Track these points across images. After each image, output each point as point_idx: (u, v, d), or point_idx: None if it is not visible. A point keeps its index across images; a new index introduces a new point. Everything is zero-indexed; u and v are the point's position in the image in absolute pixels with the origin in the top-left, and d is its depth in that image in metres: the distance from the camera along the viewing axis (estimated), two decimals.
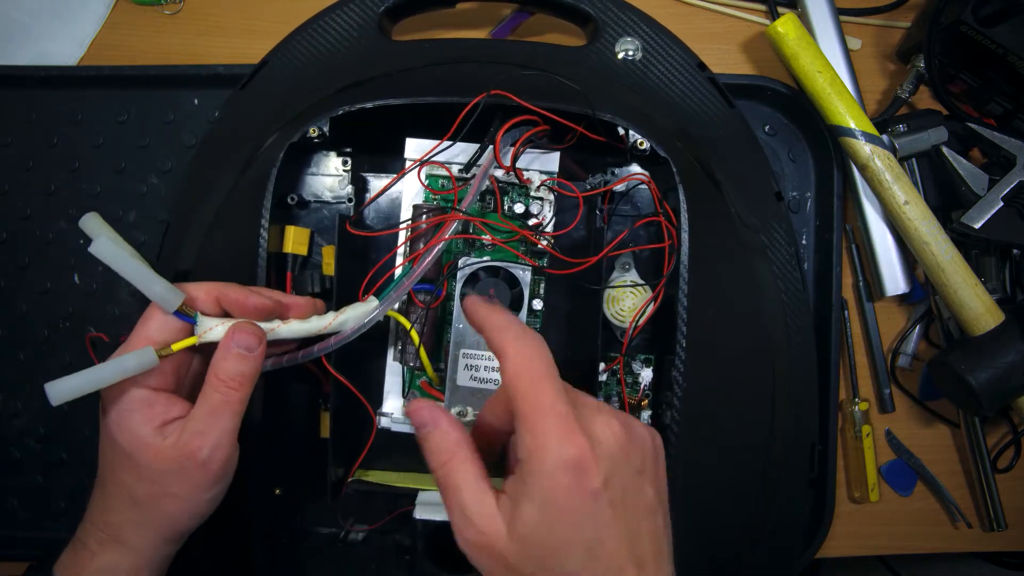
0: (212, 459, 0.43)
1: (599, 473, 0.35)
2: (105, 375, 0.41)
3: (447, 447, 0.38)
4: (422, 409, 0.39)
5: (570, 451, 0.35)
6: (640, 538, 0.36)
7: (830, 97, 0.58)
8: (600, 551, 0.35)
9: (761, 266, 0.56)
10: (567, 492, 0.35)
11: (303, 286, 0.54)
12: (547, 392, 0.36)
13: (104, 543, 0.44)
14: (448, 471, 0.38)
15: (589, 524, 0.35)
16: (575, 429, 0.35)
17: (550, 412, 0.35)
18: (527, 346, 0.37)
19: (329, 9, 0.58)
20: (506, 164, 0.50)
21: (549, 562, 0.35)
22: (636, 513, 0.36)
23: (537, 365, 0.37)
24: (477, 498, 0.37)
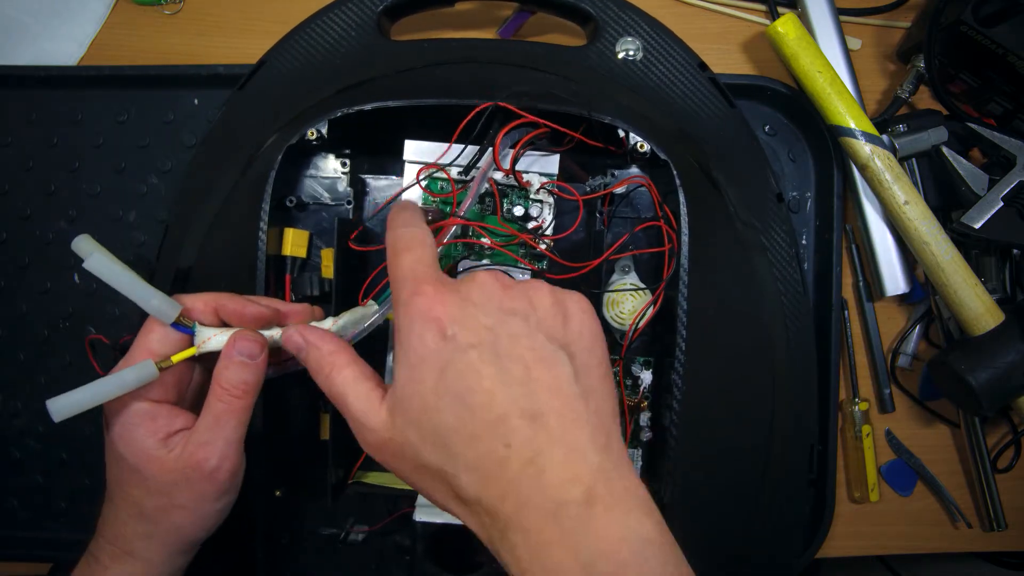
0: (219, 469, 0.43)
1: (450, 316, 0.34)
2: (106, 390, 0.41)
3: (324, 360, 0.38)
4: (292, 336, 0.40)
5: (417, 300, 0.34)
6: (530, 388, 0.33)
7: (830, 97, 0.58)
8: (472, 399, 0.33)
9: (761, 267, 0.56)
10: (420, 339, 0.34)
11: (302, 289, 0.54)
12: (404, 261, 0.36)
13: (116, 557, 0.44)
14: (331, 382, 0.37)
15: (451, 370, 0.33)
16: (425, 280, 0.35)
17: (405, 274, 0.36)
18: (399, 232, 0.38)
19: (327, 8, 0.58)
20: (505, 167, 0.50)
21: (426, 421, 0.33)
22: (519, 359, 0.34)
23: (399, 243, 0.37)
24: (362, 398, 0.36)
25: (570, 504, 0.31)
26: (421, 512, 0.51)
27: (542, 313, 0.36)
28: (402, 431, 0.34)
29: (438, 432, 0.33)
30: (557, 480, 0.32)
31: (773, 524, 0.56)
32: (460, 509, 0.34)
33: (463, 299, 0.35)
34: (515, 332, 0.34)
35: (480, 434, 0.32)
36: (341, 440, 0.54)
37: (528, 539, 0.31)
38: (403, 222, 0.39)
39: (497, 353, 0.33)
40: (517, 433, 0.32)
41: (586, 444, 0.33)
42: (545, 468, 0.32)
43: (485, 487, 0.32)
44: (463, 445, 0.33)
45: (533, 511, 0.31)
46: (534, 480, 0.32)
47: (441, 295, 0.34)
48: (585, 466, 0.32)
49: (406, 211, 0.41)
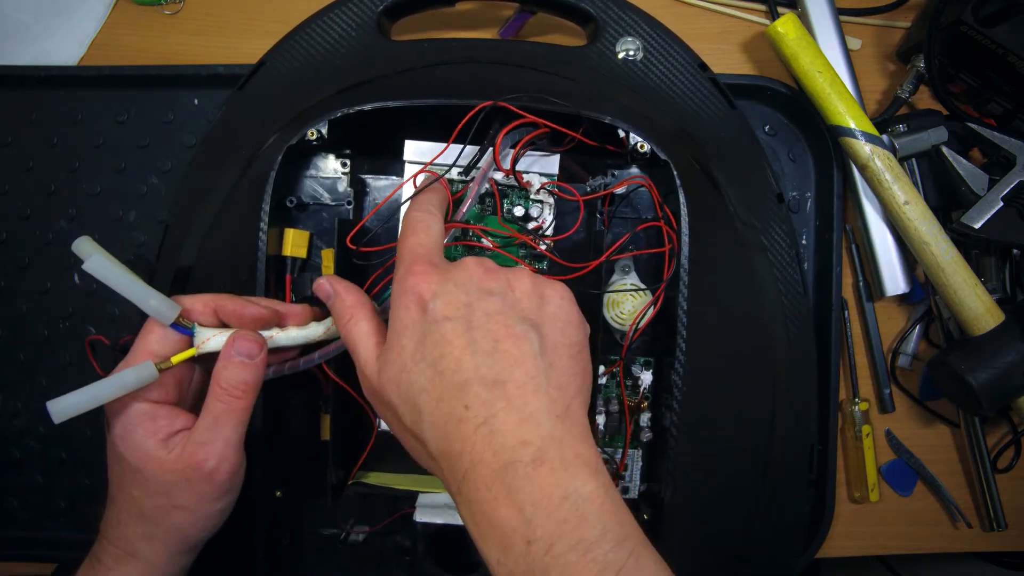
0: (218, 469, 0.43)
1: (434, 293, 0.38)
2: (106, 391, 0.42)
3: (344, 310, 0.43)
4: (323, 284, 0.44)
5: (409, 278, 0.38)
6: (495, 358, 0.36)
7: (830, 97, 0.58)
8: (442, 365, 0.36)
9: (761, 268, 0.56)
10: (407, 310, 0.38)
11: (303, 289, 0.54)
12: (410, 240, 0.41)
13: (118, 558, 0.44)
14: (347, 331, 0.42)
15: (429, 339, 0.37)
16: (419, 260, 0.39)
17: (407, 252, 0.40)
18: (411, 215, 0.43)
19: (327, 8, 0.58)
20: (506, 167, 0.50)
21: (403, 383, 0.37)
22: (490, 333, 0.37)
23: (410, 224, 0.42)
24: (368, 350, 0.41)
25: (518, 463, 0.33)
26: (421, 513, 0.51)
27: (519, 294, 0.39)
28: (385, 389, 0.38)
29: (411, 392, 0.37)
30: (509, 442, 0.34)
31: (773, 524, 0.56)
32: (430, 464, 0.38)
33: (446, 278, 0.39)
34: (490, 309, 0.38)
35: (444, 396, 0.36)
36: (341, 441, 0.54)
37: (479, 494, 0.34)
38: (419, 205, 0.44)
39: (470, 326, 0.37)
40: (477, 397, 0.35)
41: (542, 413, 0.35)
42: (497, 430, 0.34)
43: (447, 444, 0.35)
44: (430, 405, 0.36)
45: (484, 468, 0.34)
46: (487, 440, 0.34)
47: (428, 274, 0.39)
48: (537, 432, 0.34)
49: (428, 193, 0.46)
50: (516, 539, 0.33)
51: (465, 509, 0.35)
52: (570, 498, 0.33)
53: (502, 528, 0.33)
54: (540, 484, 0.33)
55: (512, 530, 0.33)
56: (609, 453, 0.55)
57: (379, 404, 0.40)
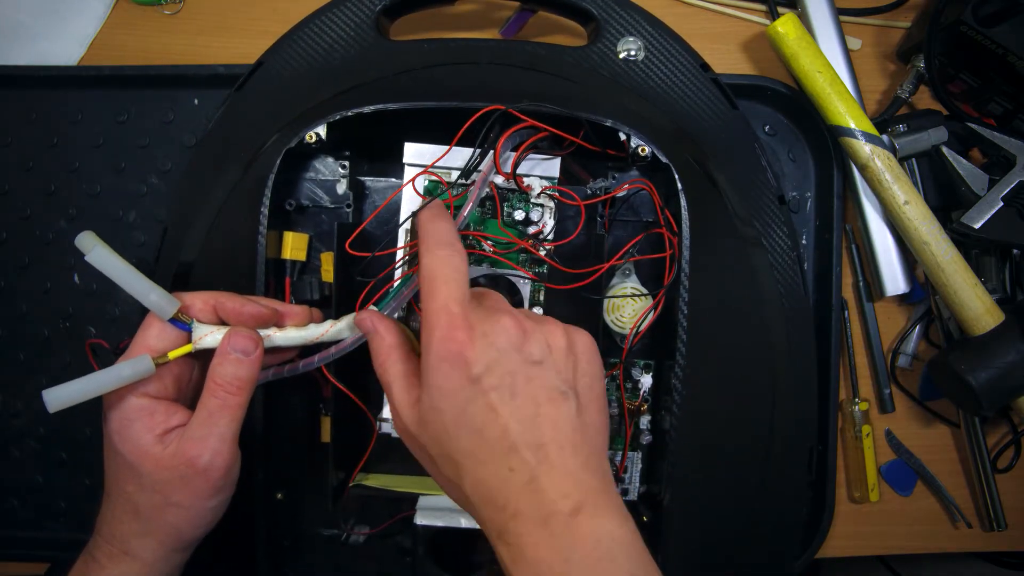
0: (212, 466, 0.43)
1: (477, 362, 0.38)
2: (102, 382, 0.42)
3: (383, 350, 0.43)
4: (364, 320, 0.44)
5: (448, 345, 0.38)
6: (537, 423, 0.38)
7: (830, 97, 0.58)
8: (487, 432, 0.38)
9: (762, 270, 0.56)
10: (447, 379, 0.38)
11: (302, 292, 0.54)
12: (440, 294, 0.39)
13: (113, 556, 0.44)
14: (383, 371, 0.43)
15: (471, 408, 0.38)
16: (458, 325, 0.38)
17: (440, 311, 0.39)
18: (435, 254, 0.41)
19: (325, 8, 0.58)
20: (506, 171, 0.50)
21: (445, 443, 0.39)
22: (532, 399, 0.39)
23: (441, 271, 0.40)
24: (403, 392, 0.41)
25: (559, 514, 0.37)
26: (422, 515, 0.52)
27: (556, 356, 0.41)
28: (425, 443, 0.40)
29: (453, 453, 0.39)
30: (550, 496, 0.37)
31: (772, 526, 0.56)
32: (468, 509, 0.40)
33: (487, 344, 0.39)
34: (531, 375, 0.39)
35: (488, 460, 0.38)
36: (342, 443, 0.54)
37: (521, 539, 0.37)
38: (440, 240, 0.42)
39: (514, 393, 0.38)
40: (521, 461, 0.38)
41: (579, 468, 0.38)
42: (541, 487, 0.37)
43: (489, 499, 0.38)
44: (473, 465, 0.38)
45: (527, 520, 0.37)
46: (531, 495, 0.37)
47: (472, 340, 0.38)
48: (575, 485, 0.38)
49: (441, 222, 0.43)
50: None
51: (506, 550, 0.37)
52: (602, 540, 0.37)
53: (539, 569, 0.36)
54: (578, 531, 0.37)
55: (549, 569, 0.36)
56: (609, 456, 0.55)
57: (416, 447, 0.42)
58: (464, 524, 0.51)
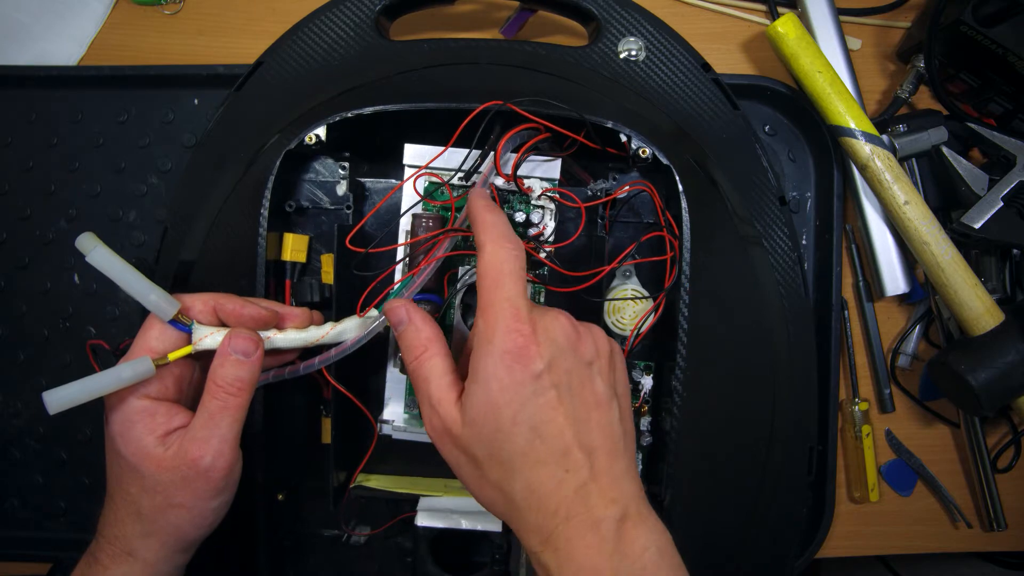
0: (214, 467, 0.43)
1: (542, 358, 0.38)
2: (102, 384, 0.42)
3: (420, 342, 0.42)
4: (398, 308, 0.43)
5: (514, 337, 0.38)
6: (589, 426, 0.39)
7: (830, 97, 0.58)
8: (545, 431, 0.38)
9: (762, 271, 0.56)
10: (509, 372, 0.37)
11: (303, 294, 0.54)
12: (506, 286, 0.39)
13: (115, 557, 0.44)
14: (419, 364, 0.41)
15: (532, 404, 0.38)
16: (523, 318, 0.38)
17: (504, 302, 0.39)
18: (503, 247, 0.40)
19: (324, 8, 0.58)
20: (507, 173, 0.50)
21: (497, 442, 0.38)
22: (584, 402, 0.39)
23: (507, 264, 0.40)
24: (442, 389, 0.40)
25: (608, 519, 0.37)
26: (423, 517, 0.52)
27: (603, 361, 0.41)
28: (470, 442, 0.39)
29: (505, 453, 0.38)
30: (601, 501, 0.38)
31: (772, 526, 0.56)
32: (508, 515, 0.40)
33: (552, 339, 0.39)
34: (584, 378, 0.40)
35: (546, 460, 0.38)
36: (342, 444, 0.54)
37: (570, 544, 0.37)
38: (504, 234, 0.41)
39: (571, 394, 0.39)
40: (576, 463, 0.38)
41: (623, 475, 0.39)
42: (593, 492, 0.38)
43: (539, 502, 0.38)
44: (528, 467, 0.38)
45: (579, 524, 0.37)
46: (583, 500, 0.38)
47: (536, 336, 0.38)
48: (621, 492, 0.38)
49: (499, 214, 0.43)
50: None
51: (553, 556, 0.37)
52: (648, 549, 0.37)
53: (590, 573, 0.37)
54: (626, 537, 0.37)
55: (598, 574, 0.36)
56: None
57: (455, 451, 0.40)
58: (465, 525, 0.51)
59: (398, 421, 0.54)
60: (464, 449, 0.39)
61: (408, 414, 0.55)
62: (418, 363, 0.41)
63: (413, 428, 0.54)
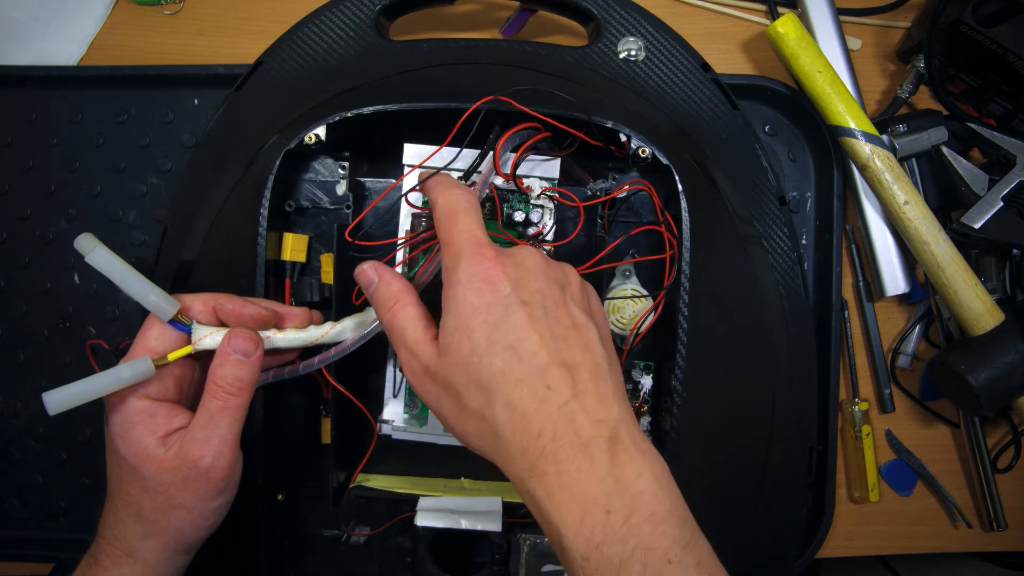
0: (215, 467, 0.43)
1: (508, 277, 0.38)
2: (101, 384, 0.42)
3: (391, 295, 0.42)
4: (367, 270, 0.43)
5: (479, 260, 0.38)
6: (568, 343, 0.38)
7: (830, 97, 0.58)
8: (522, 348, 0.37)
9: (762, 271, 0.56)
10: (478, 294, 0.38)
11: (302, 294, 0.54)
12: (462, 221, 0.40)
13: (116, 558, 0.44)
14: (393, 315, 0.41)
15: (505, 322, 0.37)
16: (484, 244, 0.39)
17: (464, 233, 0.39)
18: (453, 194, 0.42)
19: (323, 8, 0.58)
20: (506, 172, 0.50)
21: (472, 365, 0.37)
22: (560, 321, 0.39)
23: (459, 203, 0.41)
24: (418, 331, 0.40)
25: (598, 440, 0.36)
26: (423, 516, 0.51)
27: (574, 288, 0.41)
28: (448, 372, 0.38)
29: (483, 375, 0.37)
30: (588, 420, 0.36)
31: (772, 526, 0.56)
32: (491, 446, 0.38)
33: (518, 263, 0.39)
34: (557, 299, 0.39)
35: (525, 378, 0.37)
36: (342, 444, 0.54)
37: (559, 467, 0.35)
38: (451, 183, 0.43)
39: (545, 312, 0.38)
40: (558, 379, 0.37)
41: (610, 396, 0.38)
42: (577, 410, 0.36)
43: (522, 424, 0.36)
44: (508, 387, 0.37)
45: (566, 445, 0.36)
46: (569, 419, 0.36)
47: (500, 258, 0.39)
48: (609, 413, 0.37)
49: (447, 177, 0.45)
50: (595, 509, 0.34)
51: (540, 483, 0.36)
52: (643, 475, 0.36)
53: (582, 498, 0.35)
54: (618, 460, 0.36)
55: (592, 500, 0.35)
56: None
57: (434, 386, 0.40)
58: (464, 525, 0.51)
59: (398, 421, 0.54)
60: (443, 382, 0.39)
61: (408, 414, 0.55)
62: (392, 314, 0.41)
63: (413, 428, 0.54)
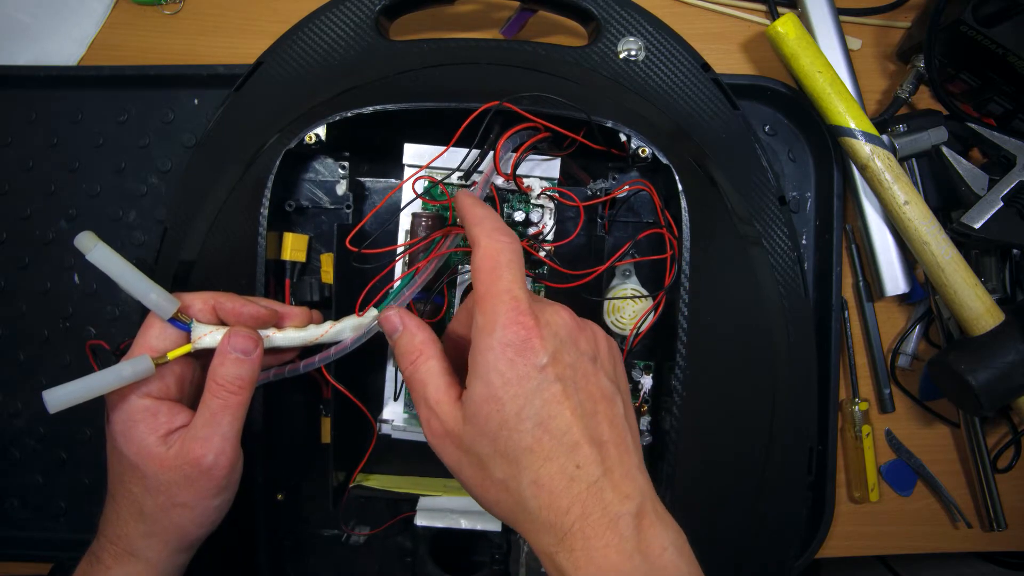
0: (216, 465, 0.43)
1: (545, 350, 0.37)
2: (102, 383, 0.42)
3: (414, 347, 0.41)
4: (392, 317, 0.42)
5: (516, 329, 0.37)
6: (597, 419, 0.37)
7: (830, 97, 0.58)
8: (553, 425, 0.36)
9: (762, 271, 0.56)
10: (511, 365, 0.36)
11: (302, 294, 0.54)
12: (504, 278, 0.38)
13: (117, 556, 0.44)
14: (415, 368, 0.40)
15: (537, 398, 0.36)
16: (524, 310, 0.37)
17: (504, 294, 0.37)
18: (497, 239, 0.39)
19: (323, 8, 0.58)
20: (506, 172, 0.50)
21: (501, 439, 0.36)
22: (590, 395, 0.38)
23: (503, 255, 0.39)
24: (440, 390, 0.39)
25: (625, 516, 0.36)
26: (422, 516, 0.51)
27: (603, 355, 0.40)
28: (473, 440, 0.37)
29: (511, 449, 0.36)
30: (616, 497, 0.36)
31: (772, 526, 0.56)
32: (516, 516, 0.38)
33: (551, 333, 0.38)
34: (587, 371, 0.38)
35: (554, 456, 0.36)
36: (342, 444, 0.54)
37: (587, 544, 0.35)
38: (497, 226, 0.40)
39: (576, 387, 0.37)
40: (587, 457, 0.36)
41: (635, 469, 0.38)
42: (606, 487, 0.36)
43: (550, 500, 0.36)
44: (537, 464, 0.36)
45: (595, 522, 0.35)
46: (597, 496, 0.36)
47: (539, 328, 0.37)
48: (635, 487, 0.37)
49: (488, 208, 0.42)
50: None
51: (568, 557, 0.36)
52: (668, 549, 0.36)
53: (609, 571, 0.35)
54: (644, 536, 0.36)
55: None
56: None
57: (456, 451, 0.39)
58: (464, 525, 0.51)
59: (398, 421, 0.54)
60: (466, 449, 0.38)
61: (408, 414, 0.55)
62: (414, 367, 0.41)
63: (413, 428, 0.54)
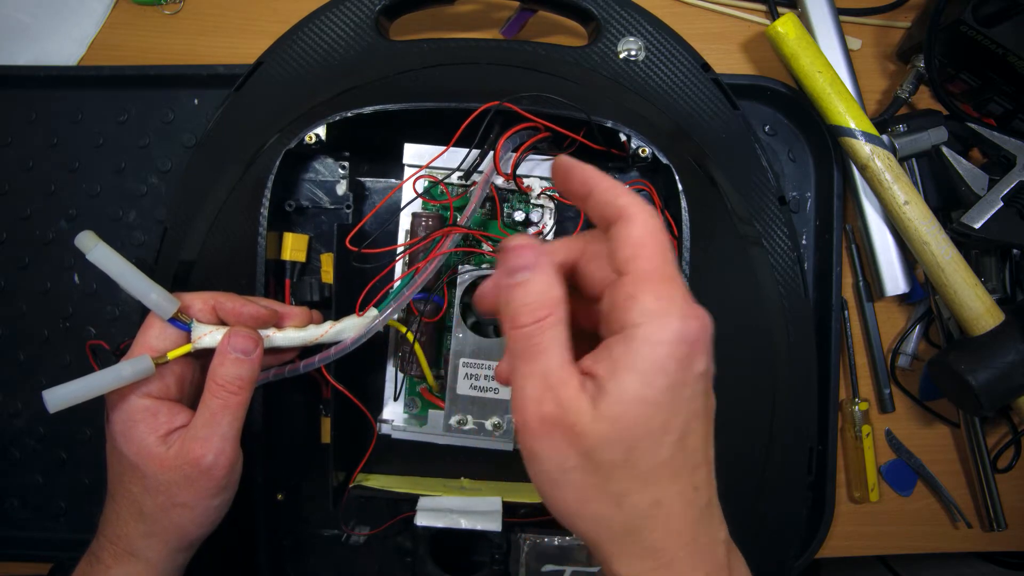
0: (216, 465, 0.43)
1: (708, 354, 0.31)
2: (101, 382, 0.42)
3: (546, 302, 0.32)
4: (524, 249, 0.33)
5: (693, 324, 0.30)
6: (709, 440, 0.33)
7: (830, 97, 0.58)
8: (687, 442, 0.31)
9: (762, 271, 0.56)
10: (680, 367, 0.30)
11: (302, 294, 0.54)
12: (672, 262, 0.32)
13: (117, 556, 0.44)
14: (540, 329, 0.32)
15: (686, 409, 0.31)
16: (696, 304, 0.31)
17: (677, 280, 0.31)
18: (655, 215, 0.32)
19: (324, 8, 0.58)
20: (506, 172, 0.50)
21: (641, 449, 0.30)
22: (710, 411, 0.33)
23: (664, 235, 0.32)
24: (565, 367, 0.31)
25: (722, 544, 0.33)
26: (422, 516, 0.51)
27: None
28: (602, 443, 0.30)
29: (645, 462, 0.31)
30: (717, 523, 0.33)
31: (772, 526, 0.56)
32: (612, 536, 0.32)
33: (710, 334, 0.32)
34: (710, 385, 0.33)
35: (681, 475, 0.32)
36: (342, 444, 0.54)
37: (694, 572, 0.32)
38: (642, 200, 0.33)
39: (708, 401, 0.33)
40: (703, 480, 0.32)
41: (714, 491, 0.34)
42: (714, 513, 0.33)
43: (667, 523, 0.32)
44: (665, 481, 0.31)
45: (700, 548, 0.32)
46: (706, 522, 0.33)
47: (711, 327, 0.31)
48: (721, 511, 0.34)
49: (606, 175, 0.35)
50: None
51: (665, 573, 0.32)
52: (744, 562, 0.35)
53: None
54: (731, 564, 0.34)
55: None
56: None
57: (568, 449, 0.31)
58: (464, 525, 0.51)
59: (398, 421, 0.54)
60: (586, 450, 0.30)
61: (408, 414, 0.55)
62: (539, 327, 0.32)
63: (413, 428, 0.54)
